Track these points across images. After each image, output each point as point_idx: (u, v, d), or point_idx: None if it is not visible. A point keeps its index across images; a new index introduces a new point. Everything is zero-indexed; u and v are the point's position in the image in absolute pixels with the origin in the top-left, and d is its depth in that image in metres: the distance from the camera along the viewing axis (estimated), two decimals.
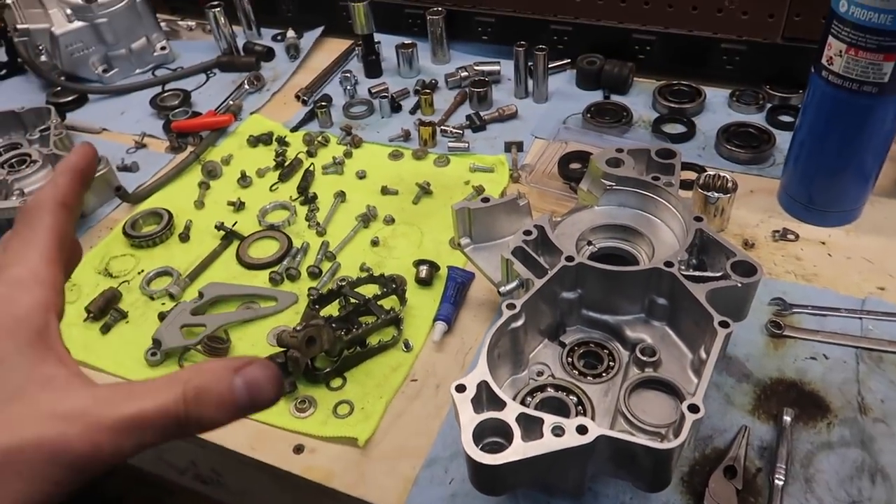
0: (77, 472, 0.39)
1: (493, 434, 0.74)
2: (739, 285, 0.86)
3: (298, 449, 0.92)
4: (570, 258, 0.91)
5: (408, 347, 1.02)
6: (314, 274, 1.15)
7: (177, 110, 1.56)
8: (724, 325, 0.80)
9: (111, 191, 1.33)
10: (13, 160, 1.29)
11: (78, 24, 1.64)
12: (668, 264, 0.88)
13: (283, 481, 0.92)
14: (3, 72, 1.78)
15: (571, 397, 0.86)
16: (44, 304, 0.46)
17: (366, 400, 0.96)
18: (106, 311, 1.11)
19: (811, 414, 0.90)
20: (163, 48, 1.77)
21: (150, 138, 1.53)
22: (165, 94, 1.63)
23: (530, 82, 1.53)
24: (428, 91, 1.51)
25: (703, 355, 0.84)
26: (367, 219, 1.24)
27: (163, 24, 1.83)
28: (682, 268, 0.89)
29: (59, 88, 1.66)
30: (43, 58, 1.66)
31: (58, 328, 0.47)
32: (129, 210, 1.33)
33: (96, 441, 0.39)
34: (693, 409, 0.72)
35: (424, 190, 1.29)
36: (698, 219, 0.94)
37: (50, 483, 0.38)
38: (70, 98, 1.65)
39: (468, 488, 0.86)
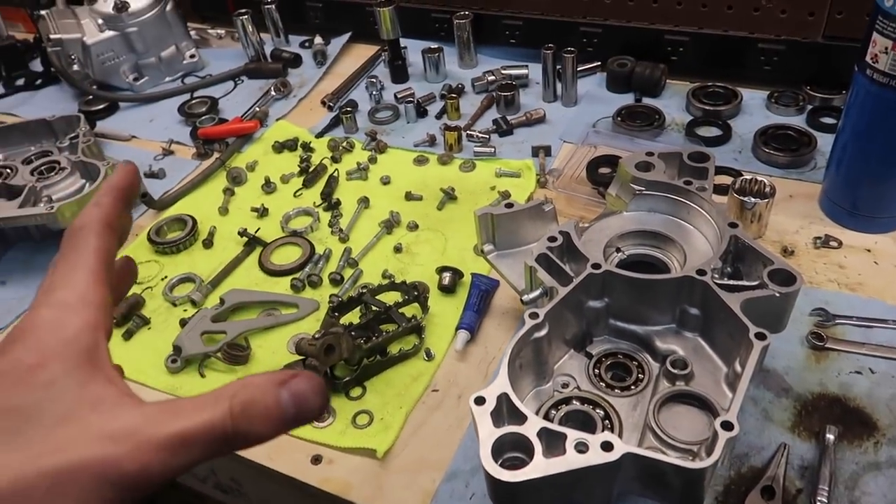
0: (127, 491, 0.40)
1: (513, 449, 0.71)
2: (777, 295, 0.81)
3: (316, 460, 0.90)
4: (596, 265, 0.87)
5: (429, 356, 1.00)
6: (336, 281, 1.13)
7: (204, 117, 1.57)
8: (760, 337, 0.76)
9: (137, 197, 1.33)
10: (43, 167, 1.30)
11: (109, 33, 1.67)
12: (701, 272, 0.84)
13: (301, 492, 0.90)
14: (39, 81, 1.82)
15: (598, 411, 0.82)
16: (92, 325, 0.46)
17: (385, 410, 0.94)
18: (129, 317, 1.11)
19: (856, 432, 0.84)
20: (192, 56, 1.78)
21: (178, 145, 1.53)
22: (193, 102, 1.64)
23: (559, 86, 1.50)
24: (454, 96, 1.49)
25: (739, 369, 0.79)
26: (390, 225, 1.22)
27: (192, 32, 1.85)
28: (716, 276, 0.85)
29: (90, 97, 1.68)
30: (75, 67, 1.69)
31: (106, 348, 0.47)
32: (154, 216, 1.34)
33: (145, 460, 0.40)
34: (727, 426, 0.68)
35: (449, 195, 1.27)
36: (733, 225, 0.90)
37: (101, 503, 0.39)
38: (101, 106, 1.67)
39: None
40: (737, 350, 0.80)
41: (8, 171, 1.31)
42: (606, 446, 0.67)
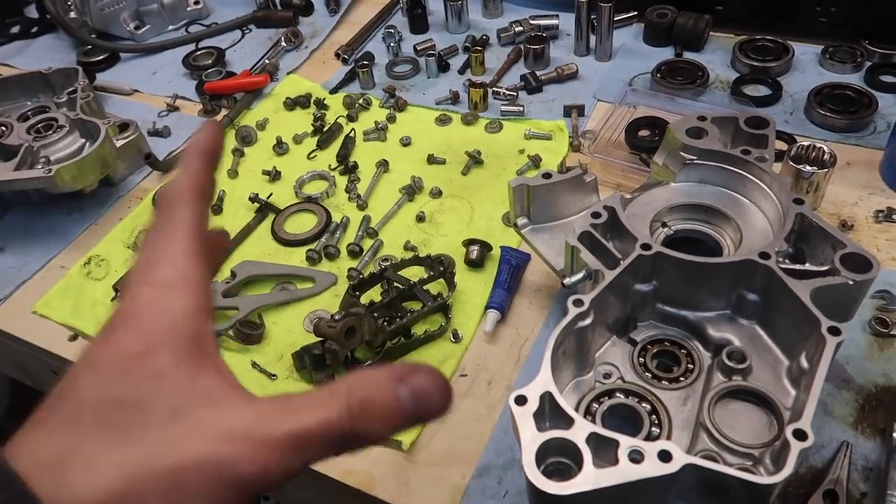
0: (245, 492, 0.38)
1: (557, 454, 0.64)
2: (851, 283, 0.73)
3: None
4: (646, 246, 0.79)
5: (456, 338, 0.93)
6: (354, 252, 1.05)
7: (210, 70, 1.47)
8: (834, 332, 0.68)
9: (141, 158, 1.25)
10: (40, 125, 1.22)
11: None
12: (764, 255, 0.76)
13: (320, 485, 0.84)
14: (35, 30, 1.71)
15: (644, 405, 0.75)
16: (195, 308, 0.43)
17: None
18: None
19: None
20: (196, 3, 1.67)
21: (183, 100, 1.44)
22: (199, 53, 1.54)
23: (592, 38, 1.38)
24: (479, 49, 1.38)
25: (804, 364, 0.71)
26: (411, 191, 1.14)
27: None
28: (780, 260, 0.76)
29: (89, 47, 1.58)
30: (73, 14, 1.58)
31: (213, 334, 0.44)
32: (159, 179, 1.25)
33: (263, 461, 0.38)
34: (800, 435, 0.61)
35: (475, 159, 1.18)
36: (799, 201, 0.81)
37: None
38: (101, 57, 1.57)
39: (525, 503, 0.77)
40: (802, 343, 0.72)
41: (3, 128, 1.22)
42: (664, 456, 0.60)
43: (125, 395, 0.38)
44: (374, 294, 0.98)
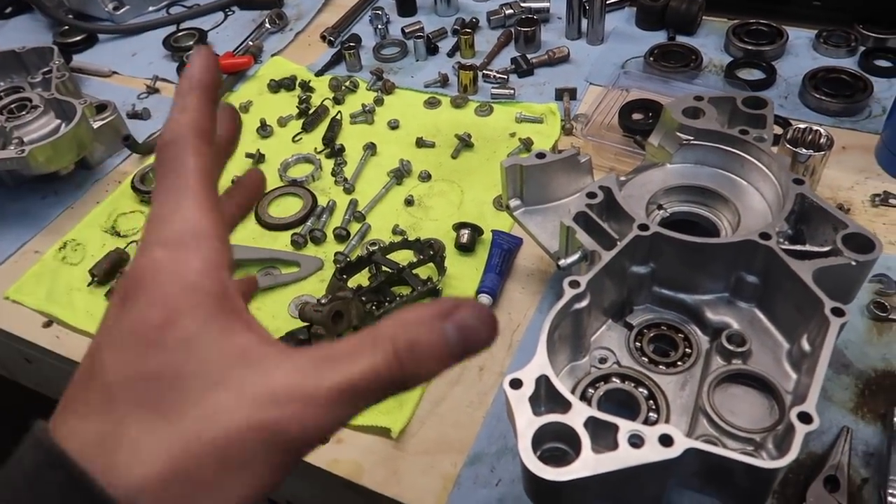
0: (296, 452, 0.37)
1: (553, 439, 0.62)
2: (854, 263, 0.71)
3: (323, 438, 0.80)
4: (643, 226, 0.76)
5: None
6: (341, 236, 1.02)
7: (191, 52, 1.42)
8: (837, 312, 0.66)
9: (119, 140, 1.21)
10: (13, 105, 1.17)
11: None
12: (765, 236, 0.74)
13: (305, 473, 0.81)
14: (9, 10, 1.66)
15: (641, 390, 0.73)
16: (214, 263, 0.39)
17: None
18: (112, 274, 1.00)
19: None
20: None
21: (163, 82, 1.40)
22: (180, 34, 1.49)
23: (584, 21, 1.36)
24: (468, 31, 1.35)
25: (806, 346, 0.69)
26: (400, 175, 1.11)
27: None
28: (781, 240, 0.74)
29: (66, 28, 1.53)
30: None
31: (236, 287, 0.40)
32: (138, 162, 1.21)
33: (311, 419, 0.36)
34: (805, 418, 0.59)
35: (465, 142, 1.15)
36: (799, 181, 0.79)
37: (272, 469, 0.36)
38: (78, 38, 1.52)
39: (518, 491, 0.75)
40: (804, 325, 0.70)
41: None
42: (665, 440, 0.58)
43: (156, 370, 0.36)
44: (361, 279, 0.94)
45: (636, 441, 0.59)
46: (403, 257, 0.96)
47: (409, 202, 1.07)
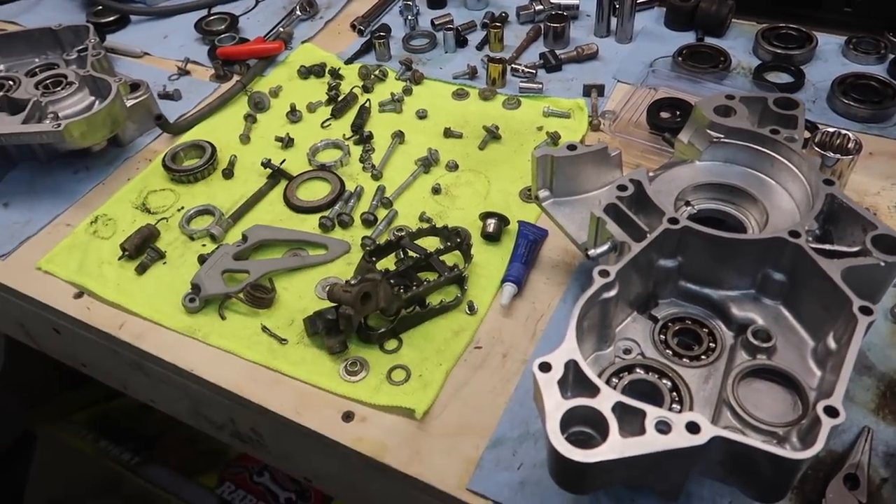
0: None
1: (581, 423, 0.63)
2: (882, 264, 0.71)
3: (348, 416, 0.82)
4: (673, 220, 0.77)
5: (472, 310, 0.91)
6: (368, 221, 1.03)
7: (223, 35, 1.44)
8: (865, 311, 0.67)
9: (151, 119, 1.22)
10: (48, 81, 1.19)
11: None
12: (794, 234, 0.74)
13: (329, 450, 0.82)
14: None
15: (665, 381, 0.74)
16: None
17: (424, 366, 0.85)
18: (142, 249, 1.02)
19: None
20: None
21: (194, 65, 1.41)
22: (211, 18, 1.51)
23: (613, 20, 1.36)
24: (498, 25, 1.36)
25: (832, 344, 0.70)
26: (427, 163, 1.12)
27: None
28: (810, 239, 0.75)
29: (99, 8, 1.55)
30: None
31: None
32: (169, 141, 1.23)
33: None
34: (831, 412, 0.59)
35: (492, 134, 1.16)
36: (829, 182, 0.79)
37: None
38: (111, 18, 1.54)
39: (539, 476, 0.76)
40: (830, 323, 0.71)
41: (10, 83, 1.19)
42: (692, 427, 0.59)
43: None
44: (388, 262, 0.96)
45: (663, 427, 0.60)
46: (430, 244, 0.97)
47: (436, 190, 1.08)
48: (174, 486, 1.79)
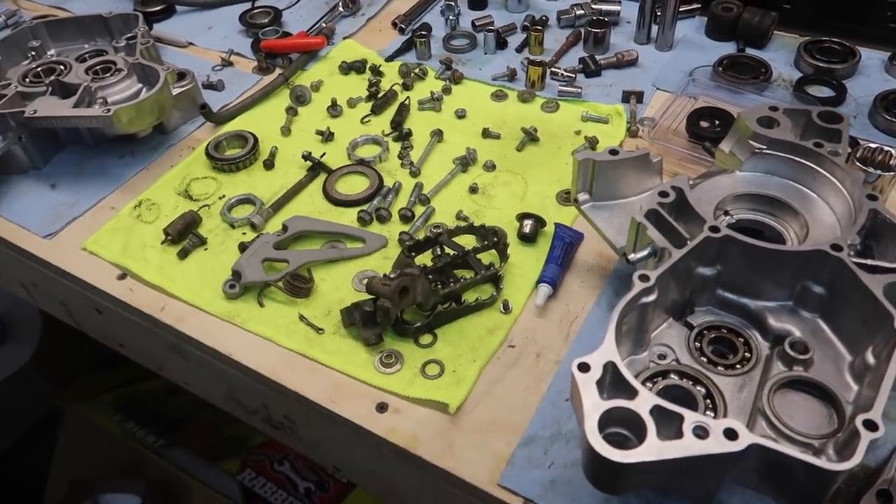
0: None
1: (617, 424, 0.64)
2: None
3: (381, 407, 0.84)
4: (714, 228, 0.78)
5: (506, 309, 0.92)
6: (406, 217, 1.05)
7: (267, 29, 1.47)
8: None
9: (196, 108, 1.25)
10: (98, 67, 1.22)
11: None
12: (836, 247, 0.74)
13: (361, 439, 0.84)
14: None
15: (699, 388, 0.75)
16: None
17: (457, 362, 0.87)
18: (184, 235, 1.04)
19: None
20: None
21: (238, 57, 1.44)
22: (255, 11, 1.53)
23: (654, 27, 1.37)
24: (539, 28, 1.37)
25: (871, 359, 0.70)
26: (465, 162, 1.13)
27: None
28: (851, 253, 0.75)
29: None
30: None
31: None
32: (212, 130, 1.25)
33: None
34: (870, 426, 0.60)
35: (530, 136, 1.17)
36: (872, 197, 0.79)
37: None
38: (158, 8, 1.57)
39: (570, 475, 0.77)
40: (870, 339, 0.71)
41: (62, 67, 1.22)
42: (730, 434, 0.60)
43: None
44: (424, 258, 0.97)
45: (701, 432, 0.60)
46: (466, 242, 0.98)
47: (473, 189, 1.09)
48: (196, 469, 1.82)
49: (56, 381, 2.10)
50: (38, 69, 1.22)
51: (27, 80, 1.20)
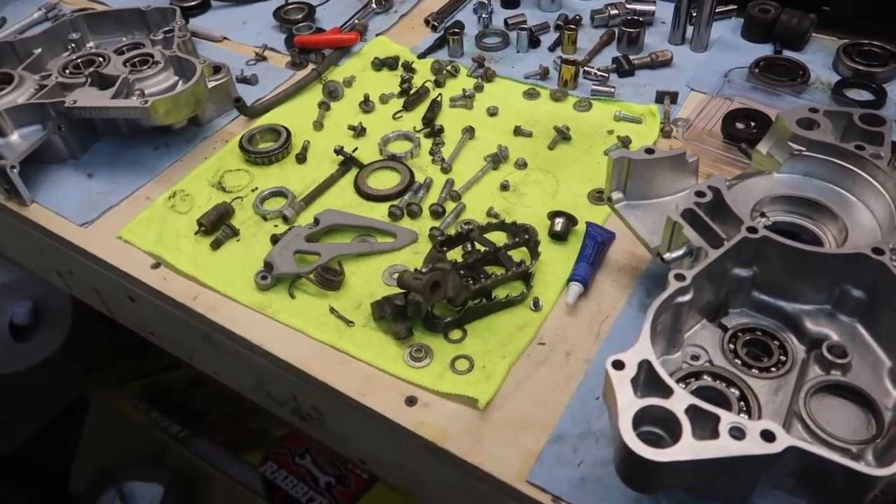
0: None
1: (651, 423, 0.63)
2: None
3: (411, 401, 0.84)
4: (752, 229, 0.77)
5: (537, 306, 0.92)
6: (437, 213, 1.05)
7: (300, 24, 1.48)
8: None
9: (230, 101, 1.26)
10: (136, 59, 1.24)
11: None
12: (878, 251, 0.73)
13: (390, 432, 0.84)
14: None
15: (733, 390, 0.74)
16: None
17: (487, 358, 0.87)
18: (218, 226, 1.06)
19: None
20: None
21: (271, 52, 1.45)
22: (289, 7, 1.55)
23: (689, 28, 1.35)
24: (572, 27, 1.36)
25: None
26: (497, 160, 1.13)
27: None
28: (893, 258, 0.74)
29: None
30: None
31: None
32: (245, 123, 1.27)
33: None
34: None
35: (562, 135, 1.16)
36: None
37: None
38: (193, 3, 1.59)
39: (600, 474, 0.76)
40: None
41: (100, 59, 1.25)
42: (767, 436, 0.59)
43: None
44: (455, 254, 0.97)
45: (737, 433, 0.60)
46: (497, 238, 0.98)
47: (504, 187, 1.09)
48: (219, 460, 1.84)
49: (83, 368, 2.13)
50: (78, 61, 1.25)
51: (67, 71, 1.22)
